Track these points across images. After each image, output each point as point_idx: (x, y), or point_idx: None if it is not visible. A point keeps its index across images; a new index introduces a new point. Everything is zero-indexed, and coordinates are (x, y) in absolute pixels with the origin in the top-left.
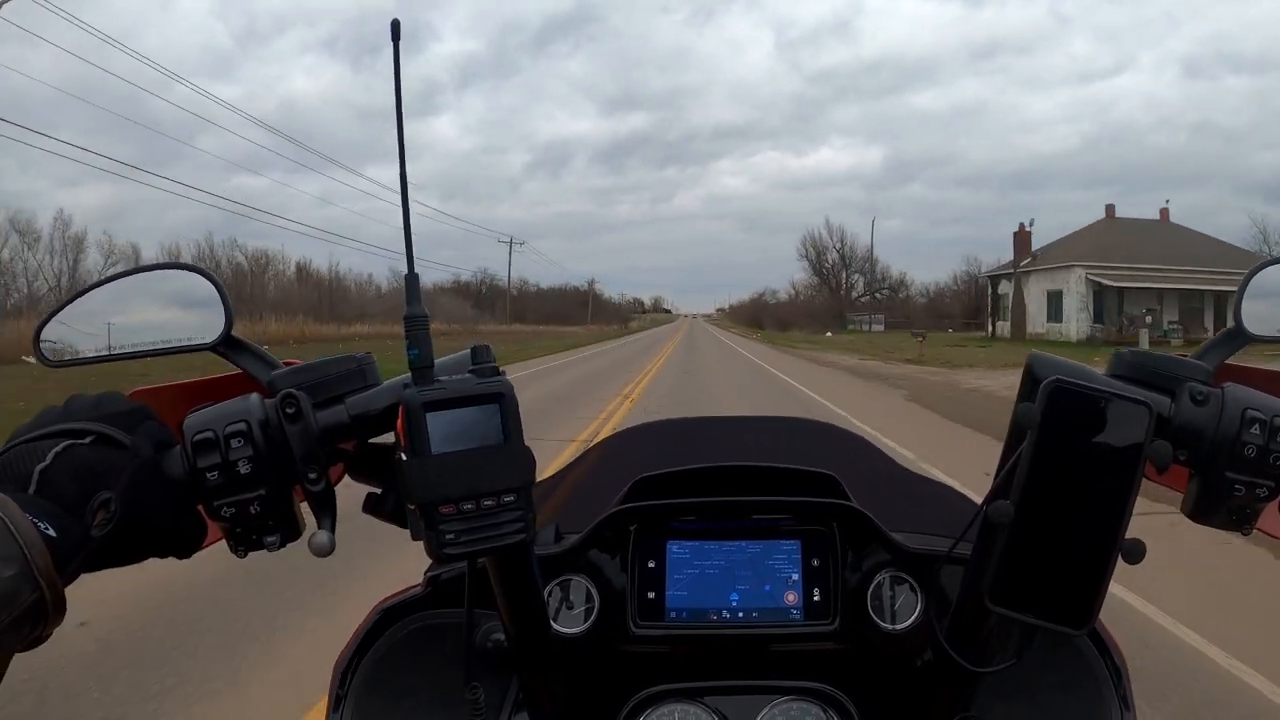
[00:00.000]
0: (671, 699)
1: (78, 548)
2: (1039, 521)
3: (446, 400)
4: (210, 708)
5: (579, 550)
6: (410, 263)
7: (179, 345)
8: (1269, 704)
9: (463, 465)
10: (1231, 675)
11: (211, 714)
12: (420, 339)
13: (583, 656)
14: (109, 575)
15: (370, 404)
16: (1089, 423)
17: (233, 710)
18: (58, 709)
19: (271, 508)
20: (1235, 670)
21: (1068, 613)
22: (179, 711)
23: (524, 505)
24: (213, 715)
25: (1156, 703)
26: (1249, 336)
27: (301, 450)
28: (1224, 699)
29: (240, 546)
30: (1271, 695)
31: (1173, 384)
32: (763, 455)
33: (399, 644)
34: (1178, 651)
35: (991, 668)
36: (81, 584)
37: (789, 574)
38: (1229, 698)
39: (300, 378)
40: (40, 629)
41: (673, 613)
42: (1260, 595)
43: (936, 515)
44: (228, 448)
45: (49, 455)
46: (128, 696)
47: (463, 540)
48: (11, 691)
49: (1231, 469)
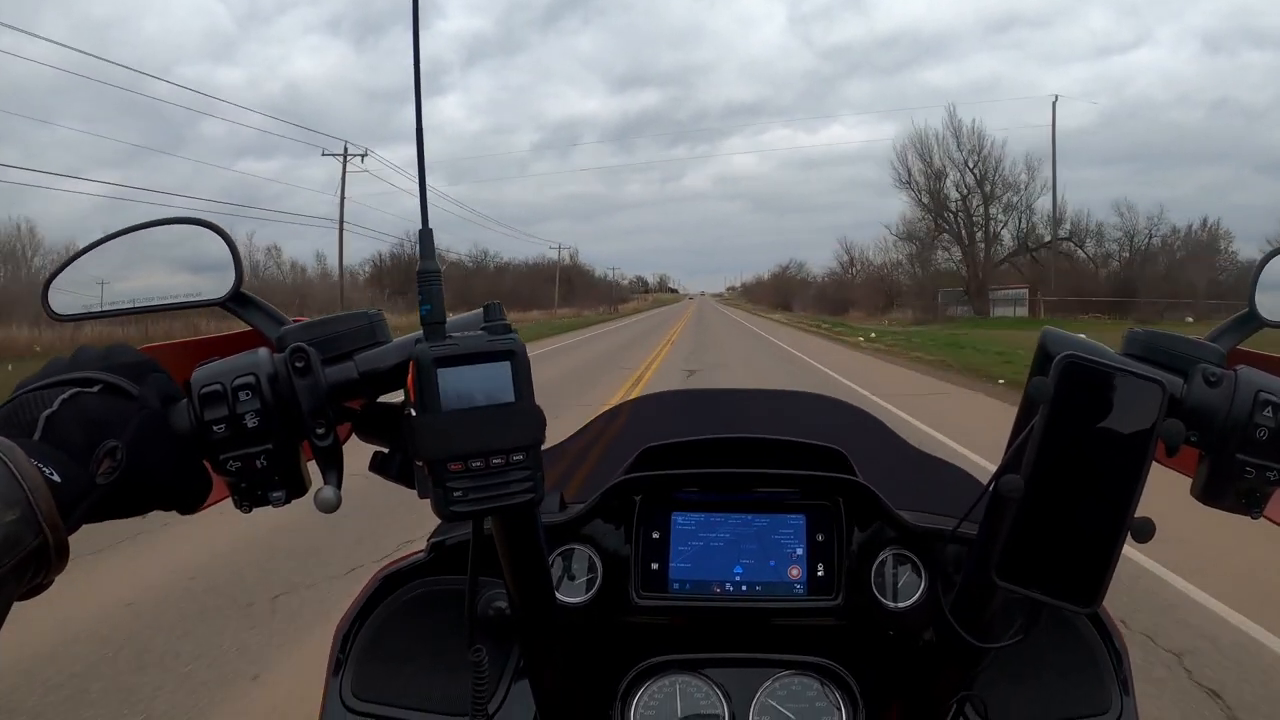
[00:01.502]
0: (673, 670)
1: (82, 495)
2: (1049, 497)
3: (458, 356)
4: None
5: (583, 519)
6: (425, 218)
7: (188, 300)
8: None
9: (473, 422)
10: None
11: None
12: (433, 294)
13: (585, 626)
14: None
15: (380, 361)
16: (1101, 399)
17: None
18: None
19: (278, 462)
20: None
21: (1075, 591)
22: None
23: (533, 465)
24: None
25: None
26: (1262, 321)
27: (310, 405)
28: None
29: (245, 502)
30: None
31: (1186, 365)
32: (771, 428)
33: (400, 610)
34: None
35: (996, 644)
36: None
37: (793, 548)
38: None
39: (310, 333)
40: (42, 575)
41: (676, 584)
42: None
43: (943, 494)
44: (235, 400)
45: (56, 402)
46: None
47: (471, 498)
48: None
49: (1243, 451)
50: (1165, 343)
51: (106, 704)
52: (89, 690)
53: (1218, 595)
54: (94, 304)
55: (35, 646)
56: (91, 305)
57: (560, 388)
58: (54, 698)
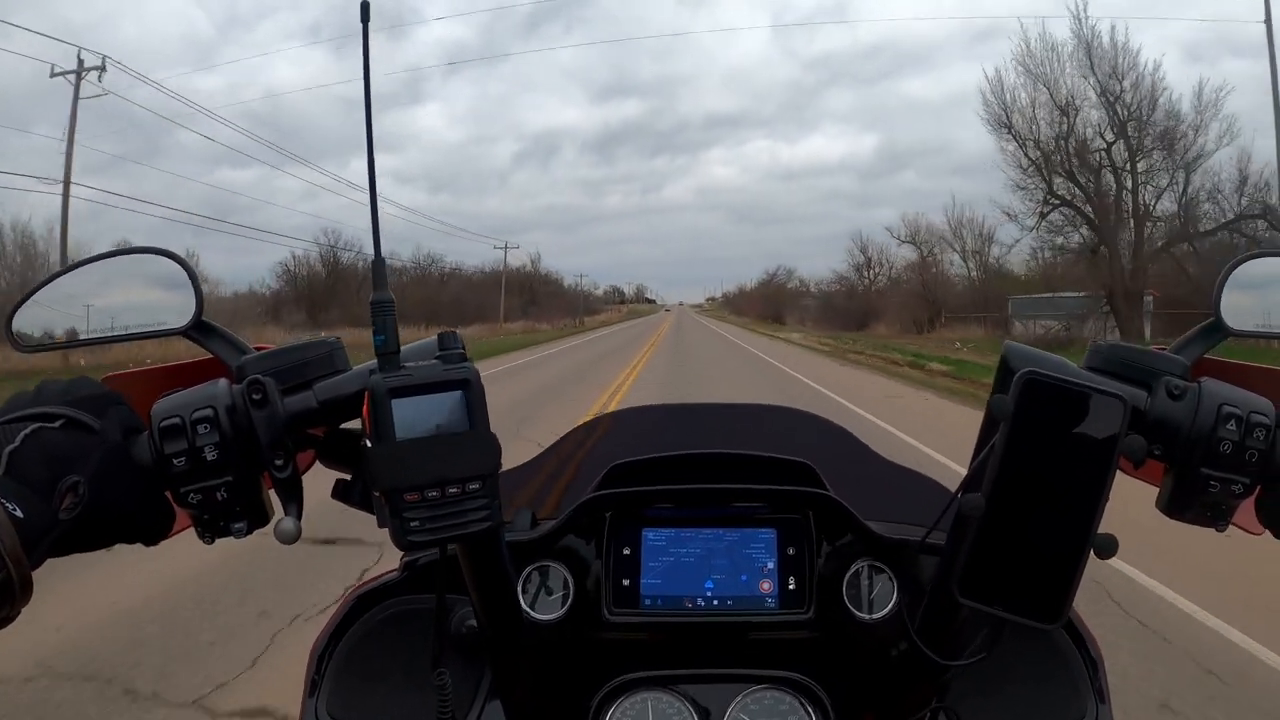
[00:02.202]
0: (644, 687)
1: (45, 530)
2: (1010, 514)
3: (412, 386)
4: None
5: (554, 536)
6: (377, 247)
7: (149, 330)
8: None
9: (428, 452)
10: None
11: None
12: (387, 325)
13: (558, 643)
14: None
15: (339, 389)
16: (1063, 416)
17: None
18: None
19: (238, 494)
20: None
21: (1038, 607)
22: None
23: (489, 493)
24: None
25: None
26: (1228, 331)
27: (268, 437)
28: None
29: (207, 533)
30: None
31: (1149, 378)
32: (740, 443)
33: (374, 629)
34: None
35: (961, 661)
36: None
37: (765, 562)
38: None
39: (269, 363)
40: (5, 609)
41: (647, 600)
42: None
43: (913, 504)
44: (194, 434)
45: (18, 438)
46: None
47: (427, 528)
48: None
49: (1207, 465)
50: (1129, 355)
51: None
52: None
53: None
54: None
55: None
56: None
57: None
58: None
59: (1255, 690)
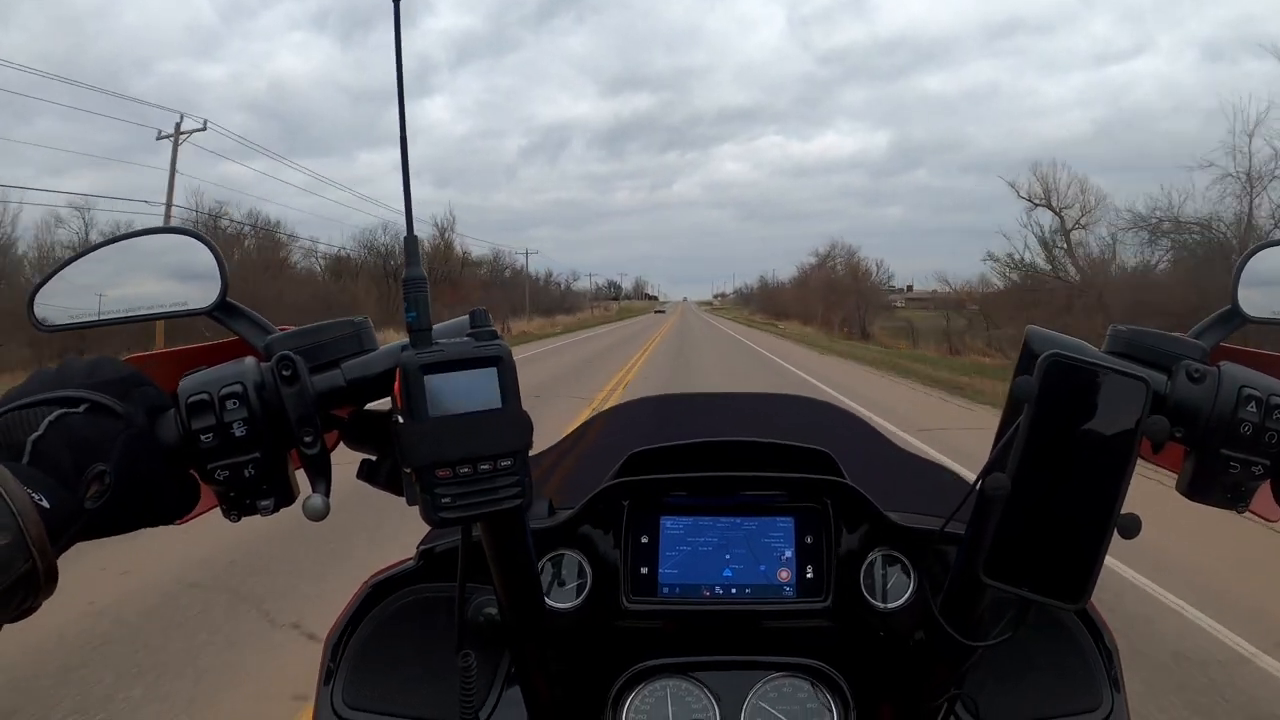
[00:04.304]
0: (663, 674)
1: (71, 519)
2: (1034, 495)
3: (445, 363)
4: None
5: (572, 525)
6: (410, 224)
7: (174, 310)
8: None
9: (460, 429)
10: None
11: None
12: (419, 301)
13: (576, 631)
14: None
15: (367, 368)
16: (1086, 397)
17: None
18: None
19: (266, 471)
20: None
21: (1063, 588)
22: None
23: (520, 470)
24: None
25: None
26: (1245, 318)
27: (297, 413)
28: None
29: (234, 511)
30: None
31: (1169, 361)
32: (758, 431)
33: (390, 618)
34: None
35: (987, 642)
36: None
37: (782, 551)
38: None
39: (297, 342)
40: (31, 600)
41: (665, 588)
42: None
43: (931, 494)
44: (223, 410)
45: (42, 425)
46: None
47: (459, 504)
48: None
49: (1227, 446)
50: (1149, 340)
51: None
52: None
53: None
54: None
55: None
56: (78, 316)
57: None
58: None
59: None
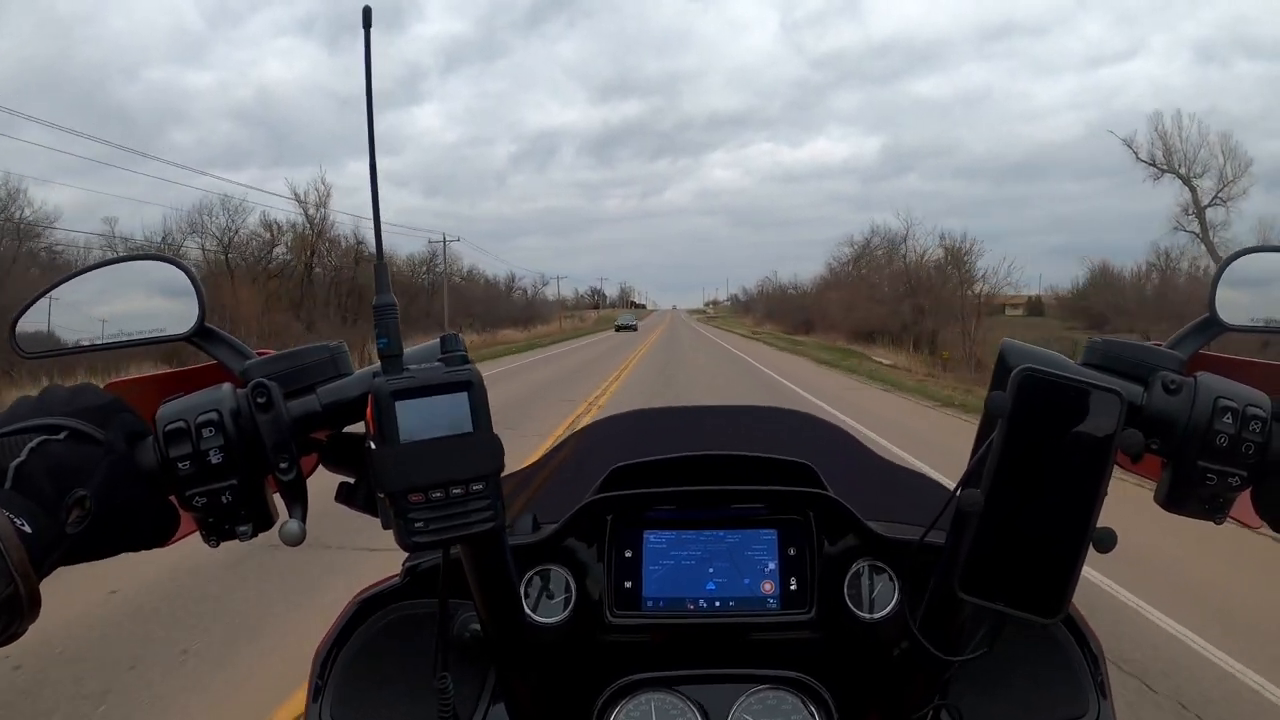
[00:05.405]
0: (648, 688)
1: (53, 545)
2: (1009, 510)
3: (415, 388)
4: None
5: (556, 539)
6: (380, 252)
7: (152, 336)
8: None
9: (432, 454)
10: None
11: None
12: (389, 327)
13: (561, 645)
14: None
15: (342, 393)
16: (1060, 411)
17: None
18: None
19: (243, 497)
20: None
21: (1039, 602)
22: None
23: (493, 494)
24: None
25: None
26: (1223, 326)
27: (273, 440)
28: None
29: (212, 536)
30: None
31: (1145, 373)
32: (740, 444)
33: (378, 634)
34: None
35: (963, 657)
36: None
37: (766, 563)
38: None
39: (273, 367)
40: (15, 624)
41: (649, 602)
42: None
43: (913, 504)
44: (199, 437)
45: (24, 451)
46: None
47: (431, 529)
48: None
49: (1204, 458)
50: (1124, 351)
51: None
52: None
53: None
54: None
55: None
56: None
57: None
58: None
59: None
